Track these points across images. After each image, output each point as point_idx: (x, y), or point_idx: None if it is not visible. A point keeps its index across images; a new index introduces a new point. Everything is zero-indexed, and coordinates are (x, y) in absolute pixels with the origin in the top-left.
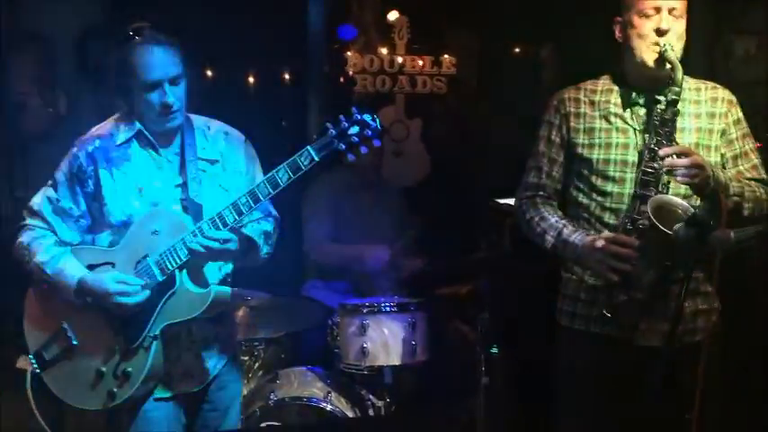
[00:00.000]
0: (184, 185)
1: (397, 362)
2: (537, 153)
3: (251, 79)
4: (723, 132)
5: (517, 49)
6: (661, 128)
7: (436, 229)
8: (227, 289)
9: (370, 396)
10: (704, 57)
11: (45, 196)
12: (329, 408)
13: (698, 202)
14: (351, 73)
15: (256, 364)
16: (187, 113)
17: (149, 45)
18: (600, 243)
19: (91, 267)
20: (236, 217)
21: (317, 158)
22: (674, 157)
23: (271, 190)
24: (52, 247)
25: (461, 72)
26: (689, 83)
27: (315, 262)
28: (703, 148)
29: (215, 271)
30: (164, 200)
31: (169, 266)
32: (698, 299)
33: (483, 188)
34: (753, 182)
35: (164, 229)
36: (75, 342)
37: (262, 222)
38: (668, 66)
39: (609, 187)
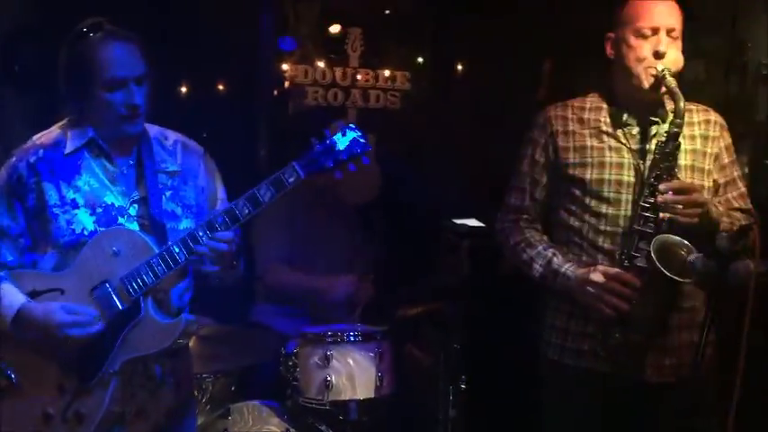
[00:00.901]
0: (143, 201)
1: (363, 396)
2: (520, 173)
3: (198, 90)
4: (716, 157)
5: (469, 66)
6: (662, 162)
7: (391, 249)
8: (193, 318)
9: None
10: None
11: None
12: None
13: None
14: (301, 85)
15: (204, 399)
16: None
17: (113, 41)
18: (598, 277)
19: (34, 295)
20: (210, 236)
21: (303, 176)
22: (672, 192)
23: (251, 209)
24: None
25: (415, 87)
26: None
27: (267, 286)
28: (697, 171)
29: (176, 298)
30: (119, 217)
31: (132, 293)
32: (693, 330)
33: (438, 208)
34: (738, 213)
35: (124, 251)
36: (14, 382)
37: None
38: (666, 93)
39: (603, 209)
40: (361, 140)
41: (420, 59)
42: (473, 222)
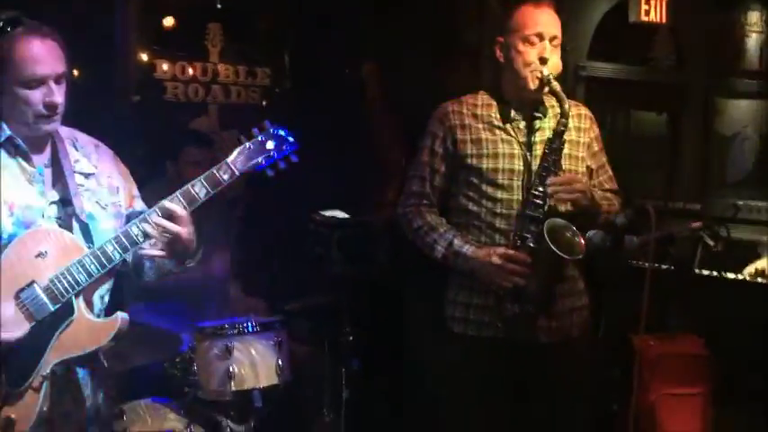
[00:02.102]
0: (62, 202)
1: (265, 383)
2: (420, 163)
3: None
4: (588, 146)
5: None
6: (549, 156)
7: (257, 243)
8: (126, 316)
9: (229, 423)
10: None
11: None
12: None
13: None
14: (160, 80)
15: None
16: None
17: (33, 37)
18: (496, 259)
19: None
20: (145, 237)
21: (237, 172)
22: (558, 183)
23: (186, 205)
24: None
25: (276, 83)
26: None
27: (143, 284)
28: (573, 158)
29: (97, 300)
30: (37, 218)
31: (64, 293)
32: (573, 297)
33: (305, 201)
34: (609, 193)
35: (52, 252)
36: None
37: None
38: (549, 93)
39: (498, 194)
40: (290, 139)
41: (281, 55)
42: (340, 214)
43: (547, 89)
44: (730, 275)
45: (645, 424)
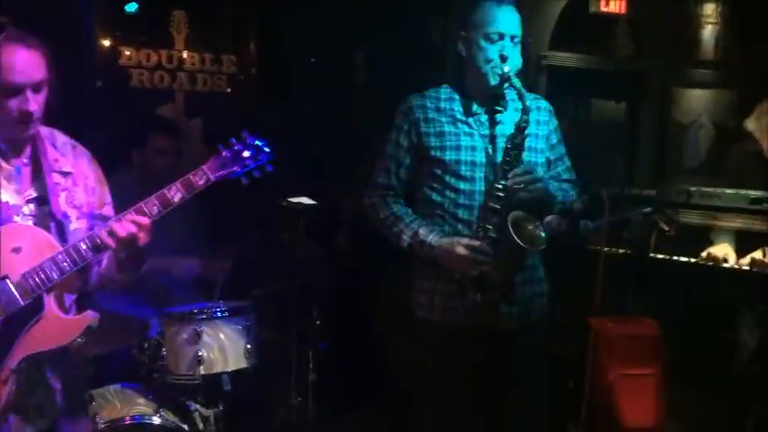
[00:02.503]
0: (38, 200)
1: (234, 367)
2: (385, 155)
3: None
4: (547, 137)
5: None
6: (511, 150)
7: (227, 229)
8: (96, 314)
9: (198, 407)
10: None
11: None
12: (165, 423)
13: None
14: (125, 67)
15: None
16: None
17: (14, 45)
18: (460, 249)
19: None
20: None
21: (212, 178)
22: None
23: (161, 208)
24: None
25: (242, 71)
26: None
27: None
28: (532, 150)
29: (66, 296)
30: (13, 215)
31: (36, 288)
32: (533, 284)
33: (271, 187)
34: (566, 184)
35: (26, 248)
36: None
37: None
38: (509, 88)
39: (461, 185)
40: (266, 150)
41: (246, 42)
42: (306, 200)
43: (507, 85)
44: (683, 259)
45: (602, 403)
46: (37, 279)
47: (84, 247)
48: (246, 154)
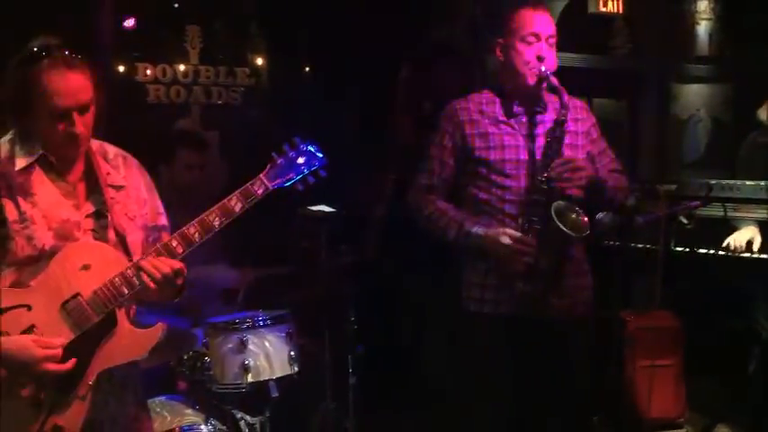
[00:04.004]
0: (96, 214)
1: (280, 374)
2: (429, 157)
3: None
4: (587, 133)
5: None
6: (552, 144)
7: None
8: (165, 326)
9: (242, 414)
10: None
11: None
12: None
13: None
14: (142, 83)
15: None
16: None
17: (61, 69)
18: (505, 239)
19: None
20: (185, 248)
21: (270, 187)
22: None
23: (223, 219)
24: None
25: (256, 83)
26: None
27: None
28: (572, 147)
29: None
30: (74, 231)
31: (108, 304)
32: (579, 277)
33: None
34: (616, 173)
35: (95, 264)
36: None
37: None
38: (548, 89)
39: (507, 182)
40: (319, 155)
41: (260, 55)
42: (326, 208)
43: (545, 84)
44: (702, 251)
45: (624, 395)
46: (108, 294)
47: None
48: (301, 160)
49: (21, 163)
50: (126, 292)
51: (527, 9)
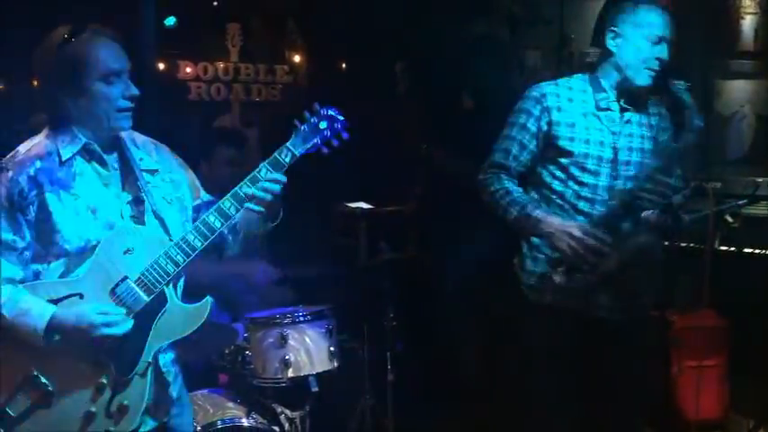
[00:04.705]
0: (135, 200)
1: (320, 369)
2: (507, 136)
3: None
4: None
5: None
6: (663, 154)
7: (286, 236)
8: (212, 299)
9: (282, 408)
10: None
11: None
12: (257, 425)
13: None
14: (183, 81)
15: None
16: None
17: (102, 38)
18: (577, 232)
19: (51, 303)
20: (223, 222)
21: (297, 154)
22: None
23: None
24: (5, 287)
25: (296, 80)
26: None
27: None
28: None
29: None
30: (117, 218)
31: (156, 284)
32: (645, 278)
33: (328, 193)
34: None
35: (137, 248)
36: (50, 388)
37: None
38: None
39: (585, 178)
40: (340, 118)
41: (298, 53)
42: (365, 205)
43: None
44: (747, 250)
45: (668, 395)
46: (155, 274)
47: (192, 237)
48: (323, 125)
49: (65, 155)
50: (171, 270)
51: (656, 7)
